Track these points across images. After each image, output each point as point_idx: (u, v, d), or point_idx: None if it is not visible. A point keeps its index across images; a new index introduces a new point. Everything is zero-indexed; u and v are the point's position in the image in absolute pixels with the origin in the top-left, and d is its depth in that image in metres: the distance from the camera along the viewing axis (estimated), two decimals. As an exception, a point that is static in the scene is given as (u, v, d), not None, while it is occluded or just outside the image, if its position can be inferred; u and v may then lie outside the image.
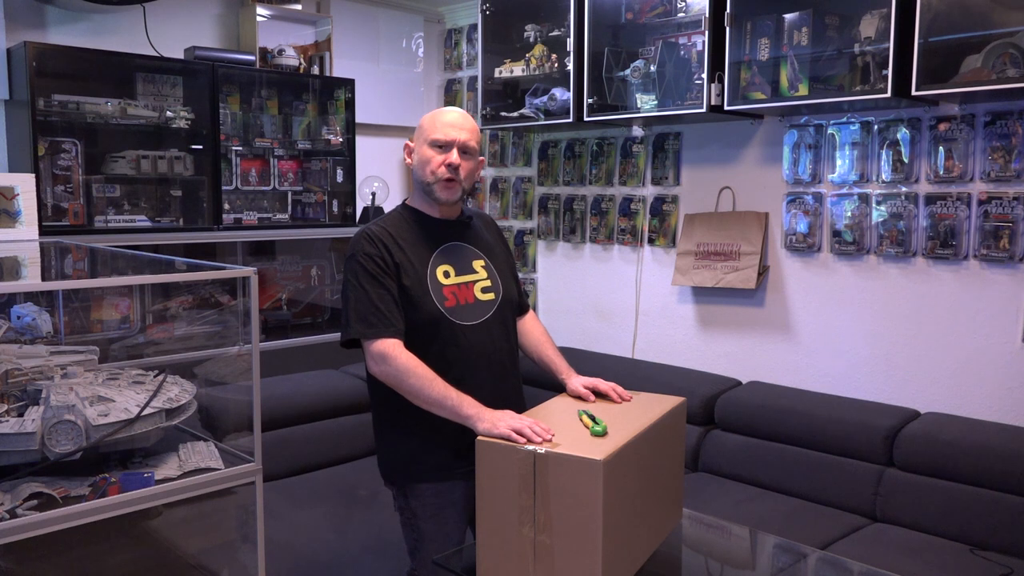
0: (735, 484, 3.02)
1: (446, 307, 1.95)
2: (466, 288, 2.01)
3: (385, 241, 1.95)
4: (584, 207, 3.91)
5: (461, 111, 2.04)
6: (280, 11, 3.85)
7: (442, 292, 1.96)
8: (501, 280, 2.08)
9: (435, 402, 1.84)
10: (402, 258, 1.95)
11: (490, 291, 2.05)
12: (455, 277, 2.00)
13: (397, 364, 1.86)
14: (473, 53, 4.32)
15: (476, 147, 2.01)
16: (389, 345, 1.88)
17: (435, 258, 2.00)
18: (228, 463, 1.89)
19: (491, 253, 2.11)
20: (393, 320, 1.90)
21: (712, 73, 3.04)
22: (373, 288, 1.90)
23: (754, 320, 3.36)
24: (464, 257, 2.05)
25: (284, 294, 4.05)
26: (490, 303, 2.04)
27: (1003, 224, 2.68)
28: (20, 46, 3.09)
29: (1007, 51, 2.44)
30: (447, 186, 1.98)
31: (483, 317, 2.01)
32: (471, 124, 2.01)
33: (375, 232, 1.97)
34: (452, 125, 1.98)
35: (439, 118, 2.00)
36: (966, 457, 2.57)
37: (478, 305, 2.01)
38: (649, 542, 1.77)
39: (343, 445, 3.37)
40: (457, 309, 1.97)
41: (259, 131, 3.79)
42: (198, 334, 2.73)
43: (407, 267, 1.94)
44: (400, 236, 1.98)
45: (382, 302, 1.90)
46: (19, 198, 2.81)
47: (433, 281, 1.96)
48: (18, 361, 1.94)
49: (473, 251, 2.08)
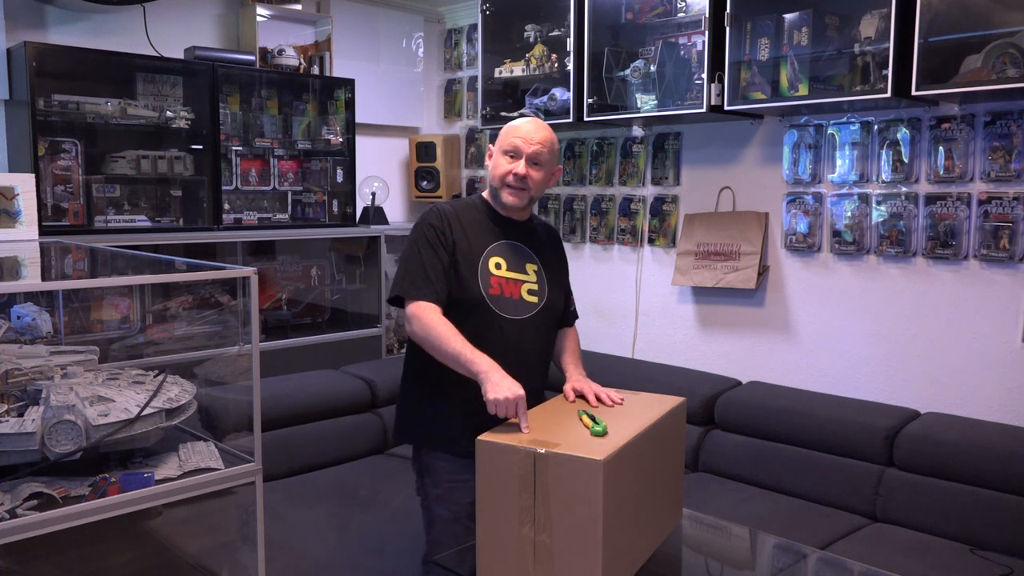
0: (735, 484, 3.02)
1: (490, 294, 2.03)
2: (513, 284, 2.08)
3: (451, 219, 2.06)
4: (584, 207, 3.91)
5: (537, 121, 2.11)
6: (280, 11, 3.86)
7: (489, 280, 2.04)
8: (549, 288, 2.14)
9: (451, 356, 1.90)
10: (461, 238, 2.05)
11: (535, 295, 2.11)
12: (506, 271, 2.08)
13: (425, 319, 1.95)
14: (473, 53, 4.32)
15: (549, 157, 2.09)
16: (425, 307, 1.97)
17: (491, 248, 2.08)
18: (228, 463, 1.89)
19: (546, 261, 2.18)
20: (438, 287, 1.99)
21: (712, 73, 3.04)
22: (428, 255, 2.01)
23: (754, 320, 3.36)
24: (519, 257, 2.12)
25: (284, 294, 4.05)
26: (532, 305, 2.10)
27: (1003, 224, 2.68)
28: (20, 46, 3.09)
29: (1007, 51, 2.44)
30: (513, 192, 2.08)
31: (523, 315, 2.07)
32: (543, 135, 2.08)
33: (445, 209, 2.09)
34: (523, 137, 2.06)
35: (513, 127, 2.09)
36: (966, 457, 2.57)
37: (521, 303, 2.08)
38: (649, 542, 1.77)
39: (343, 445, 3.37)
40: (500, 299, 2.04)
41: (259, 131, 3.79)
42: (198, 334, 2.73)
43: (463, 247, 2.04)
44: (465, 219, 2.09)
45: (432, 269, 2.00)
46: (19, 198, 2.82)
47: (483, 267, 2.05)
48: (18, 361, 1.94)
49: (529, 254, 2.15)
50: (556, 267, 2.22)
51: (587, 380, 2.04)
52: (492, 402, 1.77)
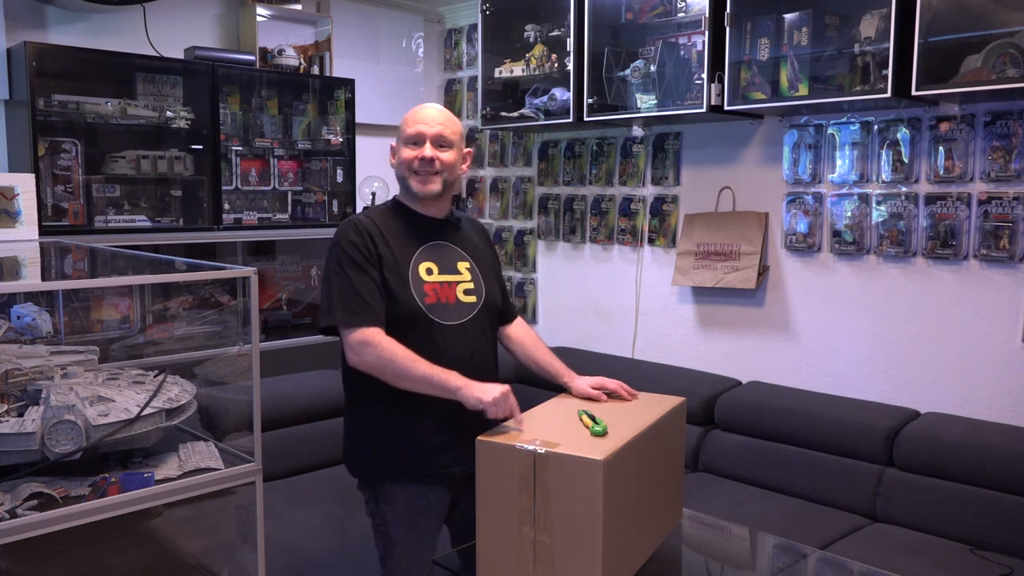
0: (735, 484, 3.02)
1: (426, 303, 1.93)
2: (448, 288, 1.99)
3: (371, 231, 1.94)
4: (584, 207, 3.91)
5: (436, 106, 2.04)
6: (280, 11, 3.85)
7: (423, 288, 1.94)
8: (485, 284, 2.05)
9: (422, 379, 1.82)
10: (385, 250, 1.93)
11: (472, 294, 2.02)
12: (438, 275, 1.98)
13: (380, 349, 1.84)
14: (473, 53, 4.32)
15: (453, 138, 1.99)
16: (371, 332, 1.86)
17: (419, 254, 1.98)
18: (228, 463, 1.89)
19: (477, 256, 2.08)
20: (376, 309, 1.88)
21: (712, 73, 3.04)
22: (357, 276, 1.89)
23: (754, 320, 3.36)
24: (448, 257, 2.02)
25: (284, 294, 4.05)
26: (471, 305, 2.01)
27: (1003, 224, 2.68)
28: (20, 46, 3.09)
29: (1007, 51, 2.44)
30: (423, 179, 1.97)
31: (463, 319, 1.98)
32: (445, 116, 2.00)
33: (361, 221, 1.96)
34: (423, 120, 1.97)
35: (411, 115, 2.00)
36: (966, 457, 2.57)
37: (459, 306, 1.99)
38: (649, 542, 1.77)
39: (343, 445, 3.37)
40: (437, 307, 1.95)
41: (259, 131, 3.79)
42: (198, 334, 2.73)
43: (389, 259, 1.93)
44: (386, 228, 1.97)
45: (365, 290, 1.88)
46: (19, 198, 2.81)
47: (415, 276, 1.95)
48: (18, 361, 1.94)
49: (459, 252, 2.05)
50: (488, 261, 2.12)
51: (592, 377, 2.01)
52: (490, 404, 1.72)
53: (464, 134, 2.08)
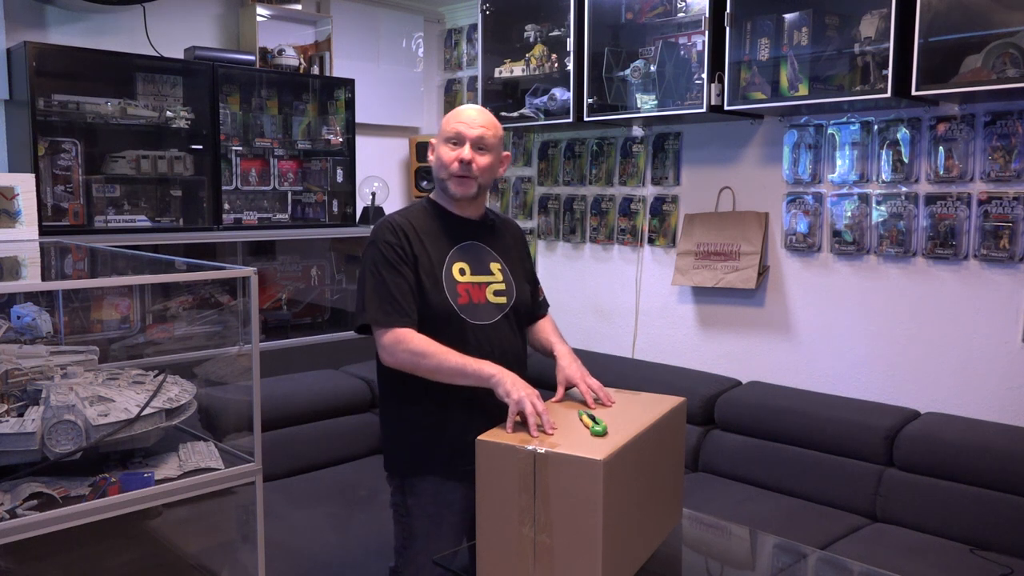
0: (735, 484, 3.02)
1: (458, 304, 1.96)
2: (479, 288, 2.01)
3: (406, 231, 1.96)
4: (584, 207, 3.91)
5: (478, 107, 2.04)
6: (280, 11, 3.85)
7: (456, 289, 1.97)
8: (516, 285, 2.08)
9: (456, 370, 1.85)
10: (420, 250, 1.96)
11: (503, 295, 2.04)
12: (470, 276, 2.01)
13: (412, 345, 1.87)
14: (473, 53, 4.32)
15: (494, 141, 2.00)
16: (403, 333, 1.89)
17: (452, 254, 2.00)
18: (228, 463, 1.89)
19: (509, 257, 2.11)
20: (409, 310, 1.91)
21: (712, 73, 3.04)
22: (391, 276, 1.92)
23: (754, 320, 3.36)
24: (481, 258, 2.05)
25: (284, 294, 4.05)
26: (501, 306, 2.03)
27: (1003, 224, 2.68)
28: (20, 46, 3.09)
29: (1007, 51, 2.44)
30: (460, 182, 1.98)
31: (493, 319, 2.01)
32: (486, 119, 2.01)
33: (397, 221, 1.99)
34: (465, 121, 1.98)
35: (454, 115, 2.01)
36: (966, 457, 2.57)
37: (489, 306, 2.01)
38: (649, 542, 1.76)
39: (343, 445, 3.37)
40: (469, 307, 1.97)
41: (259, 131, 3.79)
42: (198, 334, 2.73)
43: (424, 260, 1.96)
44: (421, 228, 1.99)
45: (399, 291, 1.91)
46: (19, 198, 2.81)
47: (448, 277, 1.97)
48: (18, 361, 1.94)
49: (491, 253, 2.07)
50: (520, 261, 2.15)
51: (576, 364, 1.98)
52: (517, 401, 1.71)
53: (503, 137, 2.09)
